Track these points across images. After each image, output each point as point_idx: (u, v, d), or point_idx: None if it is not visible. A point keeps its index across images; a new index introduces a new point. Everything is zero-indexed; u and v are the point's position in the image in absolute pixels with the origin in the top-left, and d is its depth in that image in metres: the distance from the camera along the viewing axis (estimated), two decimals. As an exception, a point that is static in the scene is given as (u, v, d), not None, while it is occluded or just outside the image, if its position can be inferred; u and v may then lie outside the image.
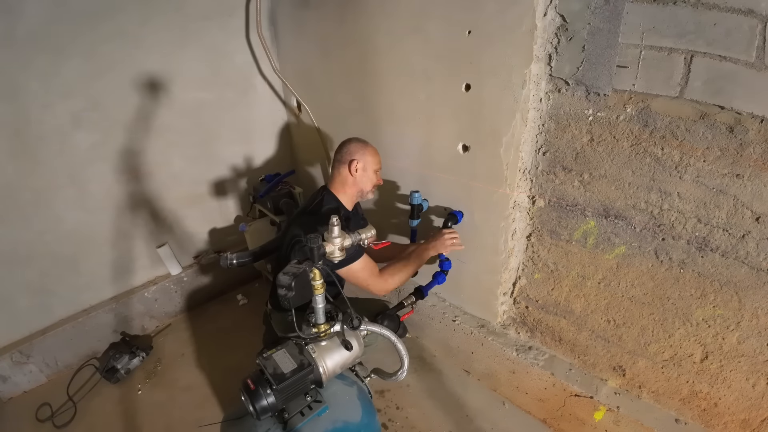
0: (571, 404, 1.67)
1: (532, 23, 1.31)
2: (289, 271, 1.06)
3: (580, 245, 1.53)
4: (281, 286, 1.04)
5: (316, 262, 1.07)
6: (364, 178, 1.60)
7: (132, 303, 2.28)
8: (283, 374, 1.05)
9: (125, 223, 2.17)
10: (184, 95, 2.15)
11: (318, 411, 1.13)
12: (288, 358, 1.10)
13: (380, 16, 1.75)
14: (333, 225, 1.13)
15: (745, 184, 1.14)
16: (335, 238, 1.13)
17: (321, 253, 1.08)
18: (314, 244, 1.06)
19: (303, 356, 1.11)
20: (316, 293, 1.09)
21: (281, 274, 1.07)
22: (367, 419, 1.25)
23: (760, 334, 1.25)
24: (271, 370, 1.06)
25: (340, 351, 1.14)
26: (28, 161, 1.82)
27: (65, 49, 1.78)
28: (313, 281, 1.08)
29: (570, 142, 1.42)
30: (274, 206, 2.27)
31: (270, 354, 1.11)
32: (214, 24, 2.14)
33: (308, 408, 1.12)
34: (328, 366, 1.12)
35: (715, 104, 1.12)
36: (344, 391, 1.28)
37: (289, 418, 1.10)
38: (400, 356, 1.25)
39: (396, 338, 1.23)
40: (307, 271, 1.06)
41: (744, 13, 1.01)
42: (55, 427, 1.85)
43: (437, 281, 1.77)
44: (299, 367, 1.08)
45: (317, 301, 1.10)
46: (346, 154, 1.59)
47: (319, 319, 1.12)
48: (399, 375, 1.29)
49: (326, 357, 1.12)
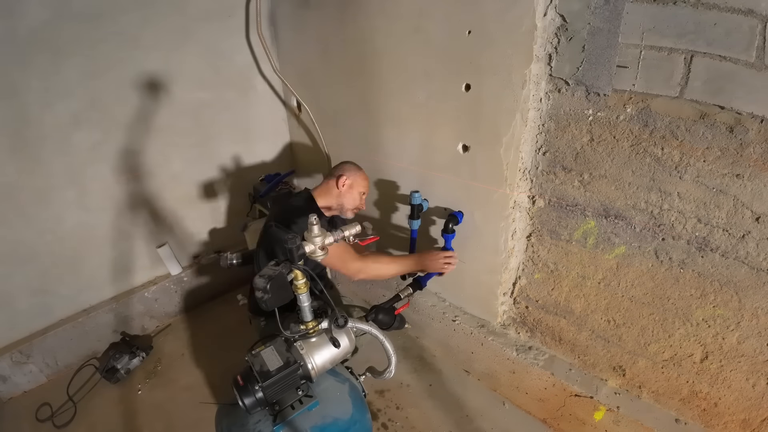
0: (571, 404, 1.67)
1: (532, 23, 1.31)
2: (265, 273, 1.04)
3: (580, 245, 1.53)
4: (257, 288, 1.02)
5: (295, 263, 1.06)
6: (348, 195, 1.66)
7: (132, 303, 2.28)
8: (268, 372, 1.07)
9: (125, 223, 2.17)
10: (184, 95, 2.15)
11: (308, 405, 1.15)
12: (275, 356, 1.11)
13: (380, 16, 1.75)
14: (312, 224, 1.10)
15: (745, 184, 1.14)
16: (315, 237, 1.10)
17: (300, 253, 1.06)
18: (293, 245, 1.04)
19: (290, 354, 1.12)
20: (299, 292, 1.09)
21: (257, 276, 1.05)
22: (358, 416, 1.26)
23: (760, 334, 1.25)
24: (258, 368, 1.08)
25: (328, 348, 1.15)
26: (28, 161, 1.82)
27: (65, 49, 1.78)
28: (296, 281, 1.07)
29: (570, 142, 1.42)
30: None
31: (258, 351, 1.12)
32: (214, 24, 2.14)
33: (299, 402, 1.15)
34: (317, 363, 1.13)
35: (715, 104, 1.12)
36: (336, 388, 1.30)
37: (280, 410, 1.13)
38: (387, 354, 1.26)
39: (383, 337, 1.23)
40: (284, 273, 1.04)
41: (744, 13, 1.01)
42: (55, 427, 1.85)
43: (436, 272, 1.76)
44: (285, 365, 1.09)
45: (302, 300, 1.10)
46: (338, 169, 1.69)
47: (306, 317, 1.13)
48: (386, 374, 1.29)
49: (315, 354, 1.13)
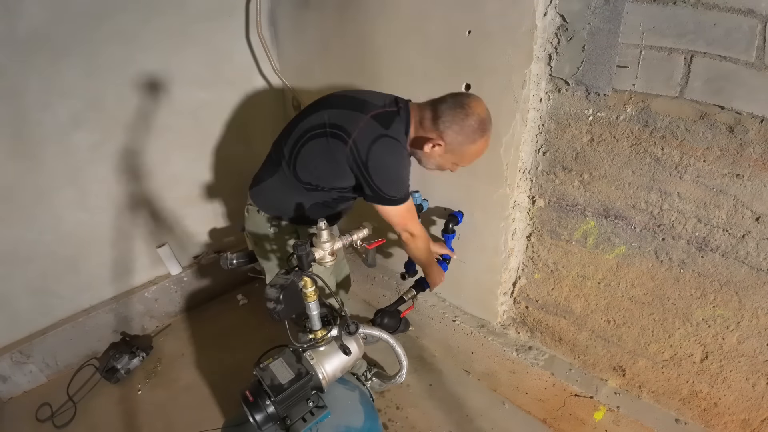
0: (571, 404, 1.67)
1: (532, 23, 1.31)
2: (277, 282, 1.01)
3: (580, 245, 1.53)
4: (269, 299, 1.00)
5: (306, 270, 1.03)
6: (433, 159, 1.28)
7: (132, 303, 2.28)
8: (280, 385, 1.03)
9: (125, 223, 2.17)
10: (184, 95, 2.15)
11: (320, 417, 1.11)
12: (285, 368, 1.08)
13: (380, 16, 1.75)
14: (321, 229, 1.08)
15: (745, 184, 1.14)
16: (324, 242, 1.09)
17: (310, 260, 1.04)
18: (302, 252, 1.01)
19: (301, 365, 1.09)
20: (308, 300, 1.06)
21: (268, 286, 1.02)
22: (370, 423, 1.24)
23: (760, 334, 1.25)
24: (268, 382, 1.04)
25: (338, 356, 1.12)
26: (28, 161, 1.82)
27: (65, 49, 1.77)
28: (305, 289, 1.04)
29: (570, 142, 1.42)
30: (274, 206, 2.26)
31: (267, 364, 1.09)
32: (214, 24, 2.14)
33: (310, 414, 1.11)
34: (328, 372, 1.10)
35: (715, 104, 1.12)
36: (346, 396, 1.27)
37: (292, 424, 1.08)
38: (398, 359, 1.24)
39: (395, 342, 1.21)
40: (296, 281, 1.02)
41: (744, 13, 1.01)
42: (55, 427, 1.85)
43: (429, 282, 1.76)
44: (297, 376, 1.06)
45: (311, 308, 1.08)
46: (443, 119, 1.21)
47: (315, 326, 1.10)
48: (398, 378, 1.28)
49: (325, 363, 1.10)
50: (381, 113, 1.23)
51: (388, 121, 1.23)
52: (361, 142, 1.19)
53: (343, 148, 1.20)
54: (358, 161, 1.20)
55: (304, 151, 1.25)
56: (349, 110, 1.23)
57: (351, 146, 1.19)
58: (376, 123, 1.21)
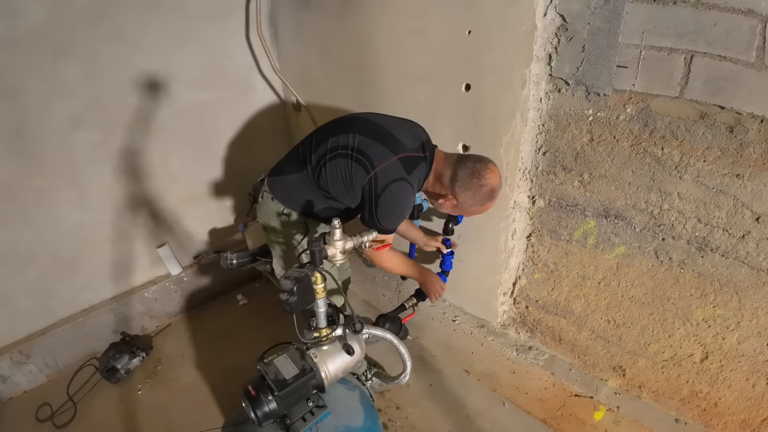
0: (571, 404, 1.67)
1: (532, 23, 1.31)
2: (291, 275, 1.04)
3: (580, 245, 1.53)
4: (283, 290, 1.02)
5: (318, 266, 1.05)
6: (443, 207, 1.40)
7: (132, 303, 2.28)
8: (285, 380, 1.03)
9: (125, 223, 2.17)
10: (183, 95, 2.15)
11: (320, 416, 1.12)
12: (289, 364, 1.08)
13: (380, 15, 1.75)
14: (335, 227, 1.11)
15: (745, 184, 1.14)
16: (337, 241, 1.12)
17: (323, 256, 1.07)
18: (316, 248, 1.04)
19: (305, 361, 1.10)
20: (317, 297, 1.08)
21: (283, 278, 1.05)
22: (370, 423, 1.24)
23: (760, 334, 1.25)
24: (272, 376, 1.04)
25: (341, 355, 1.13)
26: (28, 161, 1.82)
27: (65, 49, 1.78)
28: (315, 285, 1.06)
29: (570, 142, 1.42)
30: (274, 206, 2.26)
31: (271, 359, 1.09)
32: (214, 24, 2.14)
33: (310, 413, 1.11)
34: (330, 371, 1.11)
35: (715, 104, 1.12)
36: (346, 396, 1.27)
37: (291, 423, 1.09)
38: (402, 360, 1.24)
39: (399, 342, 1.23)
40: (309, 275, 1.04)
41: (744, 13, 1.01)
42: (55, 427, 1.85)
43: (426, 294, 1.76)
44: (301, 372, 1.06)
45: (319, 305, 1.09)
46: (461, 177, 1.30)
47: (320, 324, 1.11)
48: (401, 378, 1.29)
49: (328, 362, 1.11)
50: (408, 157, 1.32)
51: (412, 166, 1.32)
52: (382, 178, 1.29)
53: (363, 176, 1.30)
54: (373, 193, 1.30)
55: (329, 166, 1.36)
56: (380, 144, 1.32)
57: (372, 177, 1.29)
58: (401, 166, 1.30)
